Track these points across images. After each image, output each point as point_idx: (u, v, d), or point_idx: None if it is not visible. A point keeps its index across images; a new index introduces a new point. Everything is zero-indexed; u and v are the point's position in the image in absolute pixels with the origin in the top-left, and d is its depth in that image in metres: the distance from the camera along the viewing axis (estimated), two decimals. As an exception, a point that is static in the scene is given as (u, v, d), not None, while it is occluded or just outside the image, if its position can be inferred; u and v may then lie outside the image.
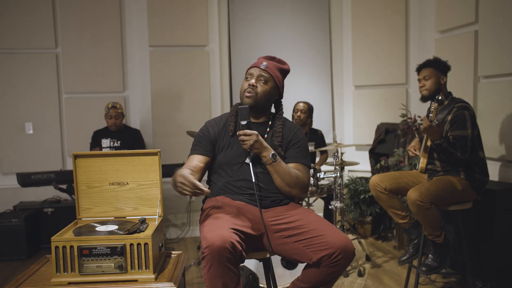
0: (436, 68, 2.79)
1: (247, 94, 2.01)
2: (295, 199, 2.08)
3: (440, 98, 2.53)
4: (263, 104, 2.05)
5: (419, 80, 2.86)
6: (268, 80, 2.04)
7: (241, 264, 2.73)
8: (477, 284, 2.98)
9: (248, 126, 1.93)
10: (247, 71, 2.08)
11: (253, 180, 1.93)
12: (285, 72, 2.14)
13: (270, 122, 2.10)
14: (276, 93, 2.10)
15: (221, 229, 1.67)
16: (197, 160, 2.04)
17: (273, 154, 1.95)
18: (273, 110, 2.19)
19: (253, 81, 2.01)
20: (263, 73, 2.03)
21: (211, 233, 1.66)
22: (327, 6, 4.85)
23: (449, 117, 2.68)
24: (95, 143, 4.06)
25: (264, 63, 2.05)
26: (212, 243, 1.61)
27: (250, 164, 1.95)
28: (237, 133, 1.94)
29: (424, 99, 2.85)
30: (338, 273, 1.82)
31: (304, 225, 1.86)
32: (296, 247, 1.83)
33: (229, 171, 2.02)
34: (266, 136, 2.06)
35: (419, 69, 2.88)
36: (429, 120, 2.53)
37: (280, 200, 2.03)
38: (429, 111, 2.57)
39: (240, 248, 1.65)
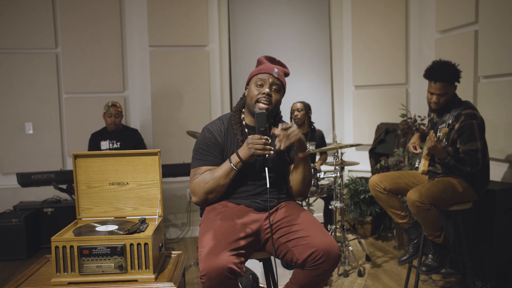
0: (451, 82, 2.62)
1: (263, 102, 1.94)
2: (302, 197, 2.10)
3: (451, 122, 2.46)
4: (273, 112, 2.02)
5: (430, 92, 2.66)
6: (280, 89, 2.00)
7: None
8: (477, 284, 2.98)
9: (266, 131, 1.90)
10: (256, 75, 2.01)
11: (268, 186, 1.90)
12: (287, 75, 2.11)
13: (273, 127, 2.07)
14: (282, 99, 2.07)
15: (218, 253, 1.64)
16: None
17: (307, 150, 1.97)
18: None
19: (267, 90, 1.95)
20: (276, 81, 1.98)
21: (208, 261, 1.62)
22: (327, 6, 4.85)
23: (456, 126, 2.61)
24: (94, 146, 4.03)
25: (276, 70, 1.99)
26: (209, 272, 1.60)
27: (266, 169, 1.91)
28: (275, 133, 1.88)
29: (432, 110, 2.77)
30: (323, 277, 1.79)
31: (294, 225, 1.86)
32: (286, 247, 1.83)
33: (239, 176, 1.98)
34: (269, 141, 2.03)
35: (431, 78, 2.65)
36: (438, 138, 2.46)
37: (283, 199, 2.05)
38: (436, 128, 2.53)
39: (239, 269, 1.64)
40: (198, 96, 4.59)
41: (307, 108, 4.11)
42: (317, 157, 4.32)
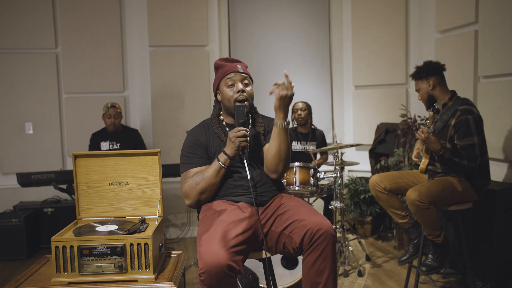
0: (420, 77, 2.81)
1: (241, 99, 2.00)
2: (276, 174, 2.03)
3: (437, 106, 2.51)
4: (251, 106, 2.10)
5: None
6: (250, 82, 2.08)
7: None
8: (477, 284, 2.98)
9: (245, 123, 1.96)
10: (223, 77, 2.06)
11: (248, 177, 1.93)
12: (247, 68, 2.16)
13: (251, 120, 2.15)
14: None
15: (217, 250, 1.64)
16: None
17: (287, 122, 1.97)
18: None
19: (241, 86, 2.02)
20: (244, 75, 2.05)
21: (208, 257, 1.63)
22: (327, 6, 4.85)
23: (453, 121, 2.63)
24: (94, 146, 4.04)
25: (239, 66, 2.05)
26: (209, 269, 1.61)
27: (245, 161, 1.95)
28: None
29: (427, 108, 2.83)
30: (325, 258, 1.77)
31: (287, 211, 1.90)
32: (284, 235, 1.86)
33: (230, 174, 2.03)
34: (249, 128, 2.09)
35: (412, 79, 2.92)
36: (427, 126, 2.52)
37: (276, 194, 2.07)
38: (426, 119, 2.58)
39: (238, 267, 1.65)
40: (198, 96, 4.59)
41: (309, 107, 4.11)
42: (318, 156, 4.32)
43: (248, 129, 1.95)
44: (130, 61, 4.57)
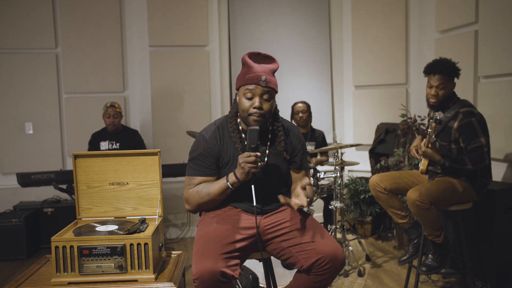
0: (450, 75, 2.63)
1: (256, 118, 1.85)
2: None
3: (439, 117, 2.49)
4: (268, 119, 1.93)
5: (430, 85, 2.68)
6: (271, 95, 1.89)
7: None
8: (477, 284, 2.98)
9: (257, 148, 1.82)
10: (244, 84, 1.87)
11: (254, 204, 1.85)
12: (276, 71, 1.95)
13: (270, 128, 2.00)
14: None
15: (211, 257, 1.64)
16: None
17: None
18: None
19: (257, 103, 1.83)
20: (266, 90, 1.85)
21: (201, 264, 1.63)
22: (327, 6, 4.85)
23: (455, 125, 2.61)
24: (94, 146, 4.03)
25: (263, 77, 1.84)
26: (202, 275, 1.62)
27: (252, 186, 1.85)
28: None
29: (432, 107, 2.74)
30: (327, 281, 1.81)
31: (298, 230, 1.87)
32: (290, 251, 1.84)
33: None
34: (268, 143, 1.99)
35: (430, 73, 2.67)
36: (428, 134, 2.52)
37: (282, 206, 2.03)
38: (427, 127, 2.57)
39: (232, 272, 1.65)
40: (198, 96, 4.59)
41: (309, 108, 4.11)
42: (318, 157, 4.31)
43: (259, 154, 1.81)
44: (130, 61, 4.57)
